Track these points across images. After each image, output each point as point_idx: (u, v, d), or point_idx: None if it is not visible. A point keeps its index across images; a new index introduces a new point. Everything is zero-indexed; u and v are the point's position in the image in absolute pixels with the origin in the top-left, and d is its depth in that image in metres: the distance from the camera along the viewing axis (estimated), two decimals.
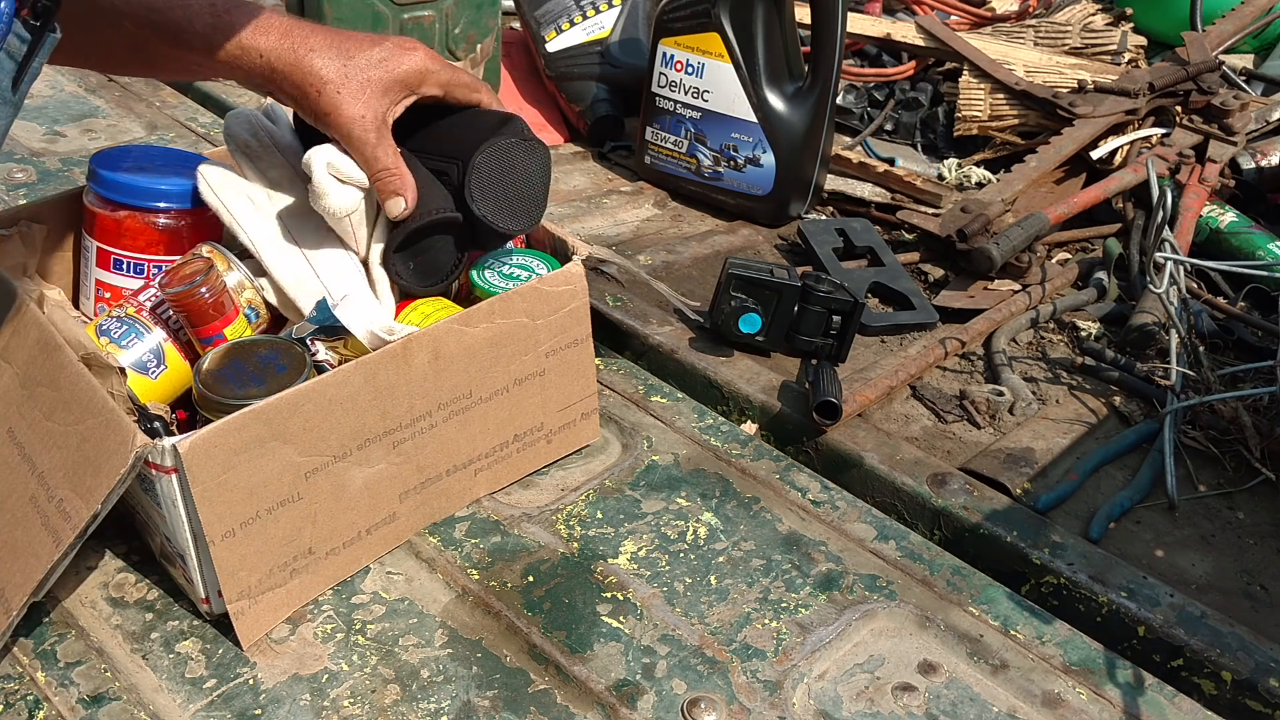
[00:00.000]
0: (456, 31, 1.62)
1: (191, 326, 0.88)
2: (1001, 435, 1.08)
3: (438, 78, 0.90)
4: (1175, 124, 1.57)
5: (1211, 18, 1.82)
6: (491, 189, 0.91)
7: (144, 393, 0.87)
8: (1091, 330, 1.25)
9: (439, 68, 0.90)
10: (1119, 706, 0.79)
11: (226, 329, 0.87)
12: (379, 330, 0.84)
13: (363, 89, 0.86)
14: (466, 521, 0.92)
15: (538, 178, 0.93)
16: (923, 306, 1.27)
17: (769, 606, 0.85)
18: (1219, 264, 1.15)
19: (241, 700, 0.75)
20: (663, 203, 1.51)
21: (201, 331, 0.87)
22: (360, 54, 0.87)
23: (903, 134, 1.72)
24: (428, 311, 0.92)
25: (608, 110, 1.63)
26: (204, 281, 0.86)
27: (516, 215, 0.93)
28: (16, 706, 0.74)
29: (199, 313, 0.87)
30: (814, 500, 0.96)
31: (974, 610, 0.86)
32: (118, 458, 0.71)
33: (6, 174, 1.38)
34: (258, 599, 0.79)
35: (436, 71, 0.90)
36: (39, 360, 0.79)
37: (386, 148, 0.88)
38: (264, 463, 0.76)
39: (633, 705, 0.76)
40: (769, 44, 1.39)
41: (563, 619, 0.83)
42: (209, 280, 0.86)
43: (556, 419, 0.96)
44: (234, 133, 0.95)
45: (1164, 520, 1.00)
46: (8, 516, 0.77)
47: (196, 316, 0.87)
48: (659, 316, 1.19)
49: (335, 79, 0.86)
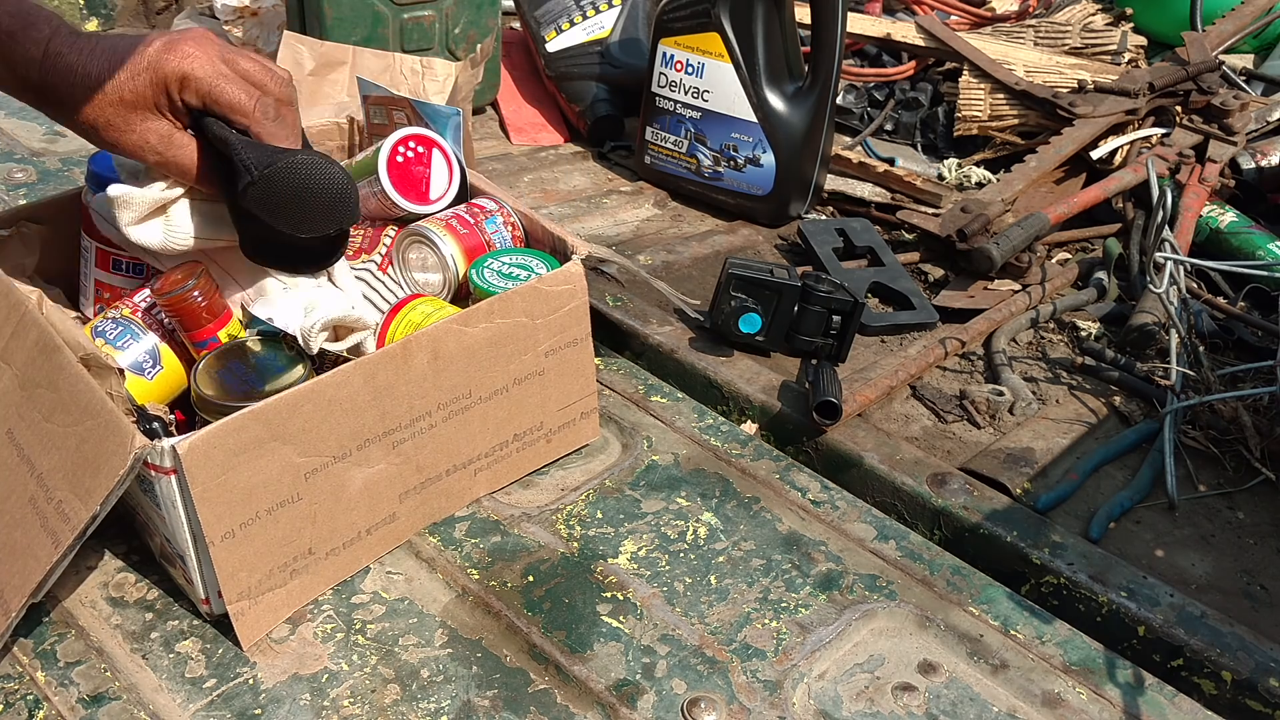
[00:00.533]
0: (456, 31, 1.62)
1: (185, 330, 0.87)
2: (1001, 435, 1.08)
3: (196, 87, 0.80)
4: (1175, 124, 1.57)
5: (1211, 18, 1.82)
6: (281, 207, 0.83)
7: (141, 394, 0.87)
8: (1091, 330, 1.25)
9: (203, 75, 0.80)
10: (1119, 706, 0.79)
11: (220, 331, 0.87)
12: (303, 329, 0.84)
13: (129, 112, 0.79)
14: (466, 521, 0.92)
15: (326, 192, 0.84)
16: (923, 306, 1.27)
17: (769, 606, 0.85)
18: (1219, 264, 1.15)
19: (241, 700, 0.75)
20: (663, 203, 1.51)
21: (195, 335, 0.87)
22: (123, 71, 0.79)
23: (903, 134, 1.72)
24: (427, 311, 0.92)
25: (608, 110, 1.63)
26: (196, 285, 0.85)
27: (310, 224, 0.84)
28: (16, 706, 0.74)
29: (192, 316, 0.86)
30: (814, 500, 0.96)
31: (974, 610, 0.86)
32: (117, 459, 0.71)
33: (6, 174, 1.38)
34: (258, 600, 0.79)
35: (196, 79, 0.80)
36: (38, 361, 0.79)
37: (186, 158, 0.82)
38: (263, 464, 0.76)
39: (633, 705, 0.76)
40: (769, 44, 1.39)
41: (563, 619, 0.83)
42: (201, 283, 0.85)
43: (556, 418, 0.96)
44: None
45: (1164, 520, 1.00)
46: (7, 518, 0.77)
47: (190, 320, 0.86)
48: (659, 316, 1.19)
49: (104, 116, 0.79)
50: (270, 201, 0.80)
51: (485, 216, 1.03)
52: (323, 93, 1.53)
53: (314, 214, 0.82)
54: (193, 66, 0.80)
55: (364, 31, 1.55)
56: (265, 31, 1.68)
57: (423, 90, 1.51)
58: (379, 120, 1.12)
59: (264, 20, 1.68)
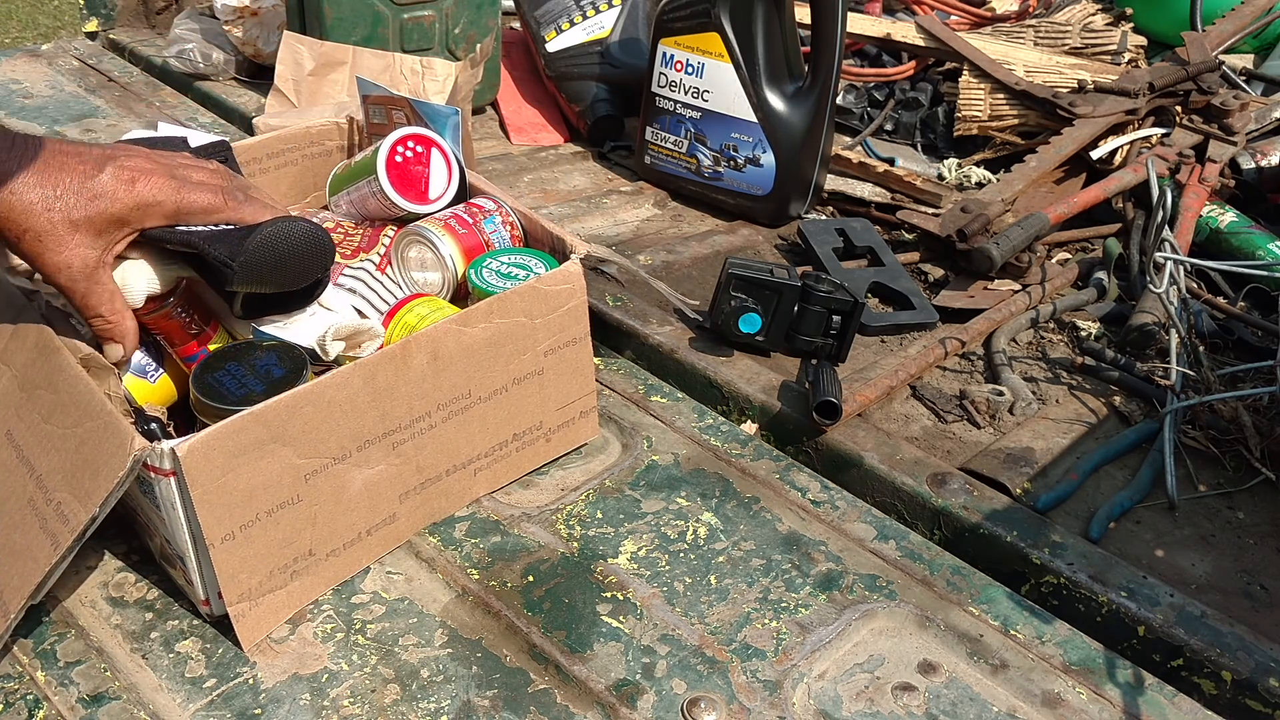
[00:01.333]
0: (456, 31, 1.62)
1: (173, 345, 0.86)
2: (1001, 435, 1.08)
3: (162, 209, 0.80)
4: (1175, 124, 1.57)
5: (1211, 18, 1.82)
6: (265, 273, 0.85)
7: (142, 396, 0.87)
8: (1091, 330, 1.25)
9: (166, 198, 0.79)
10: (1119, 706, 0.79)
11: (210, 344, 0.87)
12: (318, 338, 0.85)
13: (70, 233, 0.76)
14: (466, 521, 0.92)
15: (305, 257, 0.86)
16: (923, 306, 1.27)
17: (769, 606, 0.85)
18: (1219, 264, 1.15)
19: (241, 700, 0.75)
20: (663, 203, 1.51)
21: (183, 350, 0.86)
22: (69, 188, 0.76)
23: (903, 134, 1.72)
24: (425, 312, 0.92)
25: (608, 110, 1.63)
26: (178, 300, 0.84)
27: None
28: (16, 706, 0.74)
29: (178, 332, 0.85)
30: (814, 500, 0.96)
31: (974, 610, 0.86)
32: (116, 461, 0.71)
33: None
34: (258, 601, 0.79)
35: (159, 203, 0.79)
36: (37, 363, 0.79)
37: (100, 294, 0.80)
38: (263, 465, 0.76)
39: (633, 705, 0.76)
40: (769, 44, 1.39)
41: (563, 619, 0.83)
42: (182, 298, 0.85)
43: (555, 418, 0.97)
44: None
45: (1164, 520, 1.00)
46: (6, 519, 0.77)
47: (177, 336, 0.85)
48: (659, 316, 1.19)
49: (35, 225, 0.75)
50: (255, 277, 0.83)
51: (484, 216, 1.03)
52: (323, 93, 1.53)
53: (297, 270, 0.86)
54: (154, 193, 0.79)
55: (364, 31, 1.55)
56: (265, 31, 1.68)
57: (422, 90, 1.51)
58: (378, 120, 1.13)
59: (264, 20, 1.68)
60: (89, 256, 0.78)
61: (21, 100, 1.59)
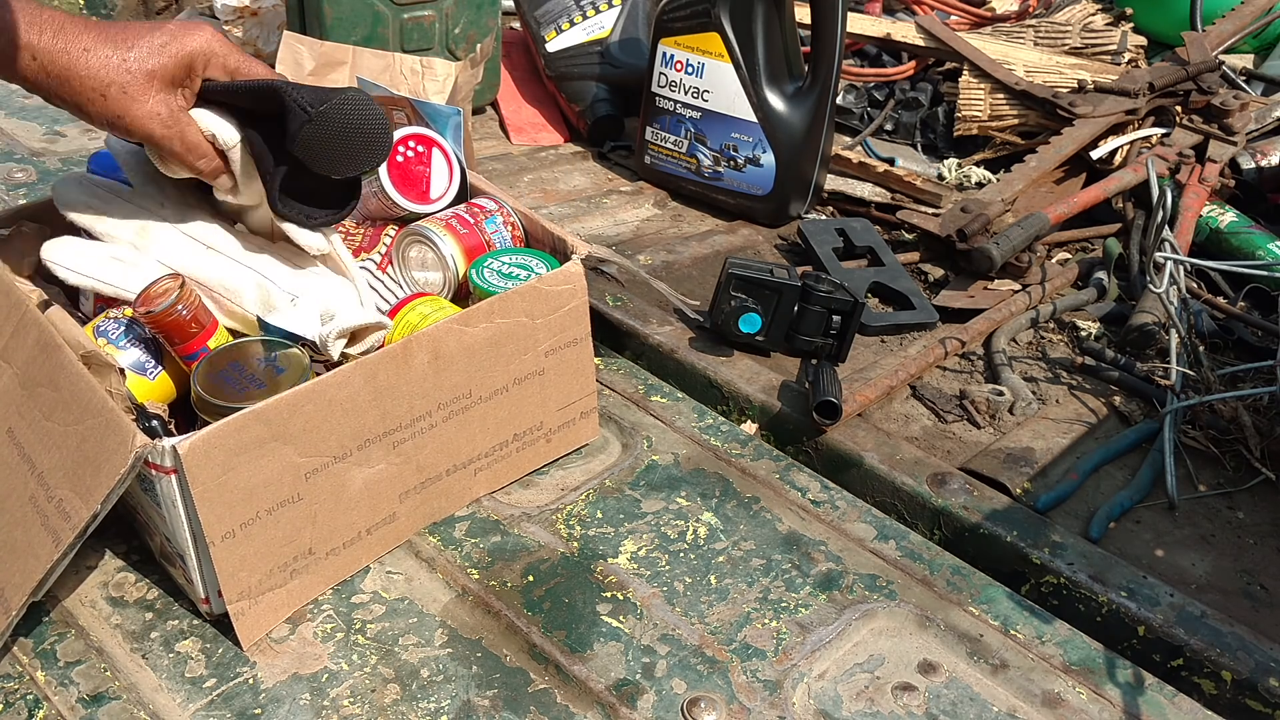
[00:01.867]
0: (456, 31, 1.62)
1: (173, 344, 0.86)
2: (1001, 435, 1.08)
3: (223, 61, 0.84)
4: (1175, 124, 1.57)
5: (1211, 18, 1.82)
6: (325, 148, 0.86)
7: (142, 393, 0.87)
8: (1091, 330, 1.25)
9: (225, 51, 0.84)
10: (1119, 706, 0.79)
11: (209, 342, 0.87)
12: (321, 336, 0.85)
13: (149, 82, 0.80)
14: (466, 521, 0.92)
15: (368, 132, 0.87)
16: (923, 306, 1.27)
17: (769, 606, 0.85)
18: (1219, 264, 1.15)
19: (241, 700, 0.75)
20: (663, 203, 1.51)
21: (184, 349, 0.86)
22: (140, 43, 0.80)
23: (903, 134, 1.72)
24: (426, 311, 0.92)
25: (608, 110, 1.63)
26: (179, 298, 0.84)
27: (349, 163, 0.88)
28: (16, 706, 0.74)
29: (179, 330, 0.85)
30: (814, 500, 0.96)
31: (974, 610, 0.86)
32: (117, 458, 0.71)
33: (6, 174, 1.38)
34: (258, 599, 0.79)
35: (222, 55, 0.84)
36: (39, 360, 0.79)
37: (195, 134, 0.84)
38: (264, 463, 0.76)
39: (633, 705, 0.76)
40: (769, 44, 1.39)
41: (563, 619, 0.83)
42: (184, 297, 0.84)
43: (556, 418, 0.97)
44: (69, 200, 0.91)
45: (1164, 520, 1.00)
46: (7, 516, 0.77)
47: (177, 334, 0.85)
48: (659, 316, 1.19)
49: (118, 79, 0.79)
50: (321, 137, 0.84)
51: (485, 216, 1.03)
52: None
53: (354, 152, 0.86)
54: (212, 44, 0.83)
55: (364, 31, 1.55)
56: (265, 31, 1.68)
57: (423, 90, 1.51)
58: None
59: (264, 20, 1.68)
60: (173, 103, 0.82)
61: (22, 100, 1.59)
